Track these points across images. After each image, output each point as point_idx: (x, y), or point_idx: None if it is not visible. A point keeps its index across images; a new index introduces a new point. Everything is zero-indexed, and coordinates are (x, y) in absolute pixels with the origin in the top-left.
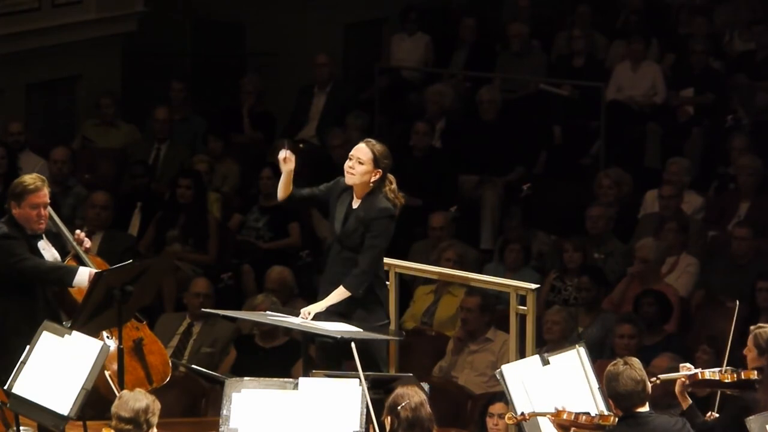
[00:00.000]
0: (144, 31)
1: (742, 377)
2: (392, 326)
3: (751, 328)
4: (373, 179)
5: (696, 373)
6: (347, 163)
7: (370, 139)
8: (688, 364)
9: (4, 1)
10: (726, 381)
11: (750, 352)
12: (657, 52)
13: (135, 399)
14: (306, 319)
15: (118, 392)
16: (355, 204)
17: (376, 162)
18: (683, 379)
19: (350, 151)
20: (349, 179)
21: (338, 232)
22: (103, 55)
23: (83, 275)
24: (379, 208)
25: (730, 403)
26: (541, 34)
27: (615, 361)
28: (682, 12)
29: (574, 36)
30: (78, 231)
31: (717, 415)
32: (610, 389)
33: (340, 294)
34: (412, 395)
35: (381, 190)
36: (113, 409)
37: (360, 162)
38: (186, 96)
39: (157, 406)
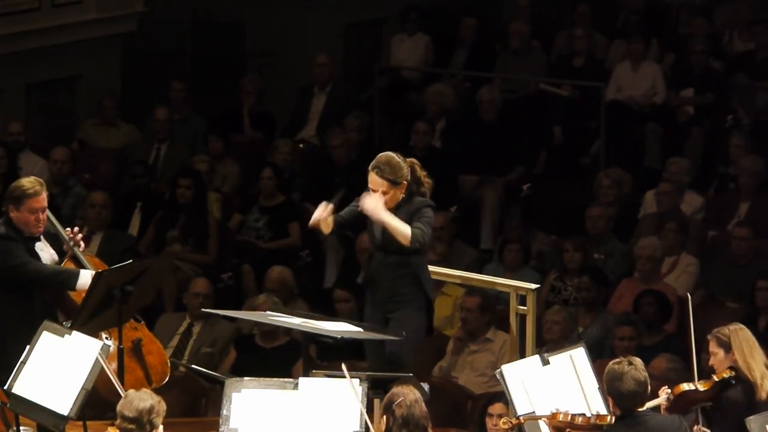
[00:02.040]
0: (144, 31)
1: (716, 380)
2: None
3: (709, 336)
4: (402, 193)
5: (672, 390)
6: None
7: (377, 164)
8: (665, 388)
9: (4, 1)
10: (704, 388)
11: (715, 356)
12: (657, 52)
13: (140, 399)
14: (368, 208)
15: (123, 392)
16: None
17: (395, 182)
18: (665, 404)
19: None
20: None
21: (379, 240)
22: (103, 55)
23: (86, 278)
24: (418, 201)
25: (721, 415)
26: (541, 34)
27: (618, 360)
28: (682, 12)
29: (574, 36)
30: (69, 229)
31: (705, 430)
32: (612, 388)
33: (402, 230)
34: (407, 393)
35: (412, 190)
36: (118, 407)
37: (384, 193)
38: (186, 96)
39: (162, 407)
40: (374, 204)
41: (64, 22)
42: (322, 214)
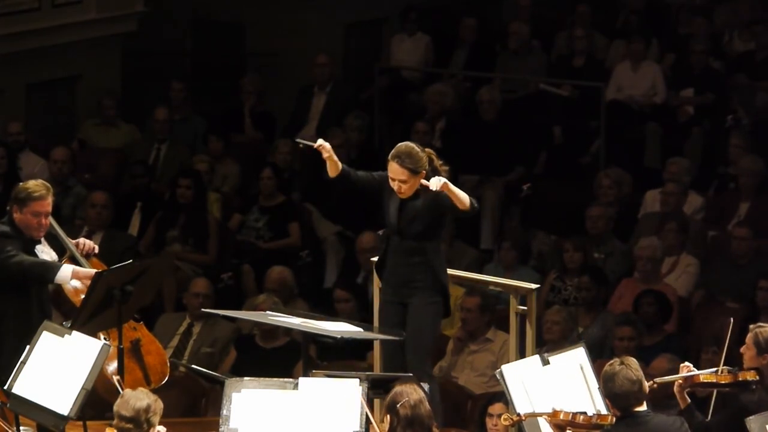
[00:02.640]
0: (144, 31)
1: (739, 378)
2: None
3: (751, 326)
4: (421, 182)
5: (693, 376)
6: (393, 185)
7: (397, 154)
8: (688, 364)
9: (4, 1)
10: (723, 382)
11: (748, 351)
12: (657, 52)
13: (136, 398)
14: (439, 183)
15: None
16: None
17: (415, 171)
18: (680, 381)
19: (388, 172)
20: (403, 197)
21: (395, 225)
22: (103, 55)
23: (65, 272)
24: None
25: (728, 403)
26: (541, 34)
27: (612, 361)
28: (682, 12)
29: (574, 36)
30: (80, 240)
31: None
32: (607, 389)
33: (464, 197)
34: (411, 393)
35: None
36: (115, 407)
37: (404, 182)
38: (186, 96)
39: (159, 405)
40: (439, 181)
41: (64, 22)
42: (326, 145)
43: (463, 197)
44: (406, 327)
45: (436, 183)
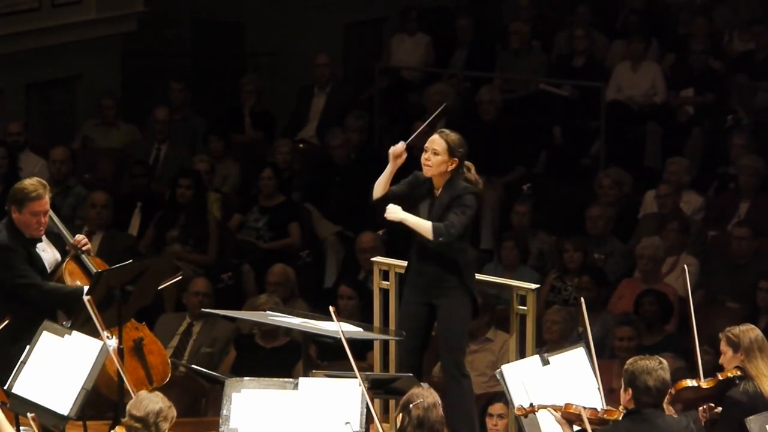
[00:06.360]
0: (144, 31)
1: (720, 378)
2: (392, 326)
3: (720, 334)
4: (449, 168)
5: (675, 385)
6: (423, 155)
7: (443, 130)
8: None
9: (4, 1)
10: (708, 387)
11: (725, 354)
12: (657, 52)
13: (150, 400)
14: (389, 214)
15: (134, 392)
16: (437, 193)
17: (451, 151)
18: (666, 396)
19: (425, 144)
20: (426, 171)
21: None
22: (103, 55)
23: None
24: (462, 187)
25: (725, 411)
26: (541, 34)
27: (645, 357)
28: (682, 12)
29: (575, 36)
30: (78, 236)
31: (719, 409)
32: (639, 381)
33: (424, 226)
34: (426, 396)
35: (459, 177)
36: (128, 406)
37: (435, 153)
38: (186, 96)
39: (172, 413)
40: (394, 209)
41: (64, 22)
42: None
43: (422, 228)
44: (432, 328)
45: (389, 210)
